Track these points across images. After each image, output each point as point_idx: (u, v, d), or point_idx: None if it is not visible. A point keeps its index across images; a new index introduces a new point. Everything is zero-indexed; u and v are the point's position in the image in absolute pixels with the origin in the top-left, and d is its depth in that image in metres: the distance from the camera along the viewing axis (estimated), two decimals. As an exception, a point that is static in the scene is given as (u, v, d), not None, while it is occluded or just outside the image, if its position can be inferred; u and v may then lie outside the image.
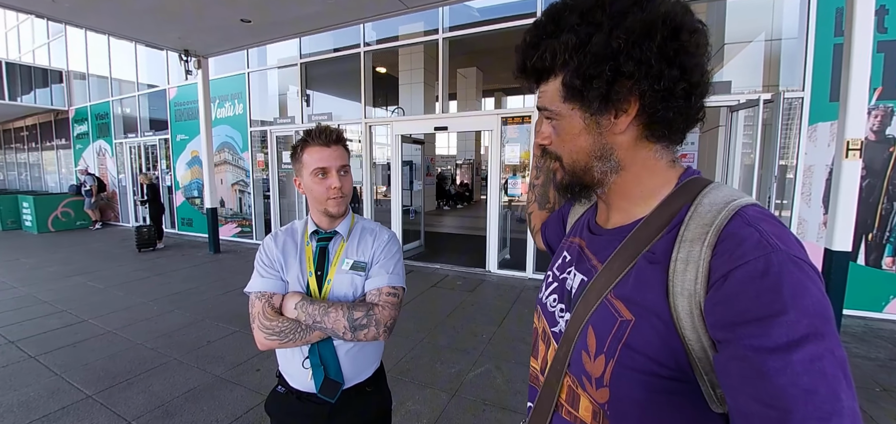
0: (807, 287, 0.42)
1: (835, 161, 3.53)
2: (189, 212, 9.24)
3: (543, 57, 0.56)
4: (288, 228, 1.23)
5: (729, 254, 0.46)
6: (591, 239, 0.68)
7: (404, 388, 2.75)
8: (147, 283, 5.37)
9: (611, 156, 0.58)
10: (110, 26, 5.96)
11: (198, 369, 3.05)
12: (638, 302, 0.53)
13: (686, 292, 0.48)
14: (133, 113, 10.20)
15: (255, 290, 1.11)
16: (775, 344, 0.40)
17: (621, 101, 0.54)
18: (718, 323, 0.45)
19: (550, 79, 0.58)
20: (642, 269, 0.54)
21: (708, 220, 0.50)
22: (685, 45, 0.51)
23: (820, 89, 4.16)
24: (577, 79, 0.54)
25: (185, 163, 9.08)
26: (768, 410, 0.40)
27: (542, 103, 0.61)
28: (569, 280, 0.68)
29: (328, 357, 1.09)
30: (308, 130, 1.13)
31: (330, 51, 7.31)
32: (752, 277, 0.43)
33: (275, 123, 7.81)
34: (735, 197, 0.51)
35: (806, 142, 4.23)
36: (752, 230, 0.46)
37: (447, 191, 14.55)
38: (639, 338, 0.52)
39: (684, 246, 0.50)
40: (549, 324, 0.69)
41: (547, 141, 0.63)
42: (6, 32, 14.80)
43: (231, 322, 3.96)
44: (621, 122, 0.56)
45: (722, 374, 0.45)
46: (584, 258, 0.67)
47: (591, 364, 0.56)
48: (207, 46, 6.57)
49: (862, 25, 3.23)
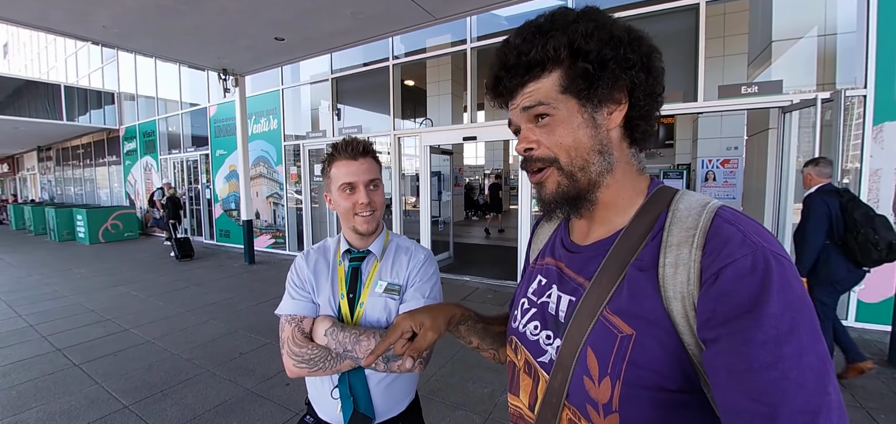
0: (790, 282, 0.43)
1: (909, 165, 3.19)
2: (227, 223, 9.57)
3: (545, 48, 0.55)
4: (320, 246, 1.16)
5: (717, 253, 0.46)
6: (570, 257, 0.65)
7: (435, 409, 2.65)
8: (185, 293, 5.55)
9: (607, 152, 0.58)
10: (155, 49, 6.29)
11: (229, 382, 3.07)
12: (636, 313, 0.51)
13: (679, 294, 0.48)
14: (177, 130, 10.74)
15: (285, 313, 1.04)
16: (764, 338, 0.41)
17: (616, 93, 0.56)
18: (709, 320, 0.45)
19: (544, 75, 0.57)
20: (634, 279, 0.53)
21: (691, 224, 0.50)
22: (659, 59, 0.58)
23: (885, 86, 3.79)
24: (589, 64, 0.54)
25: (223, 176, 9.43)
26: (757, 405, 0.40)
27: (534, 99, 0.57)
28: (550, 303, 0.63)
29: (359, 389, 1.00)
30: (335, 143, 1.07)
31: (360, 65, 7.43)
32: (742, 273, 0.44)
33: (307, 137, 7.99)
34: (707, 200, 0.53)
35: (871, 143, 3.85)
36: (735, 229, 0.47)
37: (475, 200, 14.43)
38: (643, 353, 0.50)
39: (671, 251, 0.50)
40: (534, 354, 0.63)
41: (534, 144, 0.59)
42: (66, 58, 16.03)
43: (263, 333, 3.99)
44: (615, 117, 0.57)
45: (711, 371, 0.45)
46: (565, 278, 0.63)
47: (595, 390, 0.53)
48: (244, 65, 6.81)
49: (938, 14, 2.92)
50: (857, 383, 2.90)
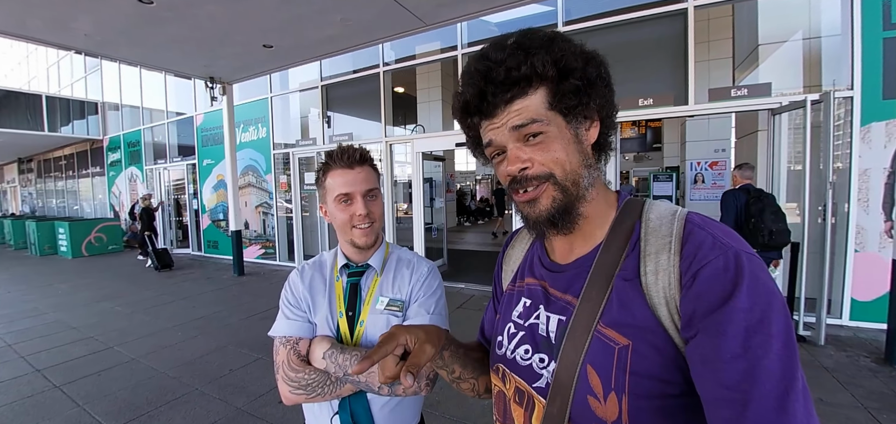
0: (759, 276, 0.46)
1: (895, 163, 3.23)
2: (215, 234, 9.38)
3: (533, 65, 0.54)
4: (315, 261, 1.09)
5: (693, 257, 0.49)
6: (552, 277, 0.63)
7: (435, 423, 2.57)
8: (172, 307, 5.38)
9: (591, 166, 0.59)
10: (140, 57, 6.16)
11: (219, 400, 2.96)
12: (629, 323, 0.52)
13: (663, 299, 0.50)
14: (162, 140, 10.53)
15: (279, 335, 0.97)
16: (735, 330, 0.43)
17: (592, 110, 0.58)
18: (690, 320, 0.47)
19: (530, 91, 0.56)
20: (622, 289, 0.54)
21: (665, 232, 0.53)
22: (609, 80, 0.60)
23: (871, 87, 3.86)
24: (579, 81, 0.55)
25: (210, 186, 9.26)
26: (731, 392, 0.43)
27: (527, 117, 0.56)
28: (540, 325, 0.61)
29: (361, 414, 0.94)
30: (330, 152, 1.00)
31: (349, 72, 7.36)
32: (716, 273, 0.47)
33: (297, 145, 7.88)
34: (675, 208, 0.56)
35: (859, 143, 3.90)
36: (705, 233, 0.50)
37: (467, 207, 14.41)
38: (642, 362, 0.50)
39: (650, 259, 0.52)
40: (528, 381, 0.60)
41: (528, 163, 0.57)
42: (48, 68, 15.68)
43: (253, 348, 3.87)
44: (592, 132, 0.59)
45: (692, 365, 0.47)
46: (552, 297, 0.62)
47: (602, 408, 0.52)
48: (232, 73, 6.70)
49: (923, 16, 2.96)
50: (857, 383, 2.90)
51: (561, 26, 5.28)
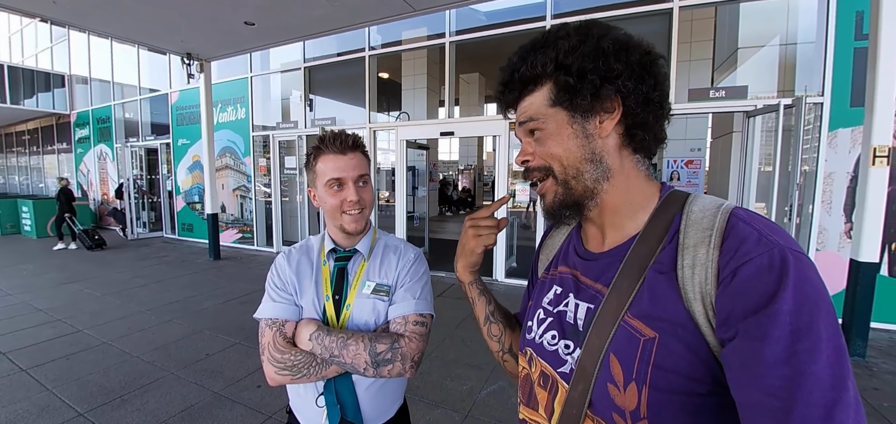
0: (808, 277, 0.43)
1: (860, 168, 3.40)
2: (190, 217, 9.12)
3: (534, 65, 0.58)
4: (302, 245, 1.09)
5: (734, 252, 0.47)
6: (585, 265, 0.65)
7: (415, 408, 2.60)
8: (145, 291, 5.23)
9: (600, 160, 0.59)
10: (112, 29, 5.88)
11: (195, 384, 2.91)
12: (658, 316, 0.51)
13: (699, 295, 0.49)
14: (134, 117, 10.11)
15: (265, 317, 0.97)
16: (780, 334, 0.41)
17: (606, 102, 0.57)
18: (727, 318, 0.45)
19: (536, 90, 0.60)
20: (655, 282, 0.53)
21: (707, 225, 0.51)
22: (658, 65, 0.58)
23: (840, 94, 4.03)
24: (570, 77, 0.56)
25: (186, 167, 8.97)
26: (773, 399, 0.40)
27: (527, 115, 0.61)
28: (568, 313, 0.63)
29: (346, 396, 0.95)
30: (322, 136, 0.99)
31: (334, 55, 7.22)
32: (760, 271, 0.44)
33: (278, 128, 7.71)
34: (721, 202, 0.54)
35: (826, 148, 4.09)
36: (751, 228, 0.48)
37: (449, 196, 14.44)
38: (668, 356, 0.49)
39: (688, 253, 0.51)
40: (554, 365, 0.62)
41: (530, 157, 0.63)
42: (10, 36, 14.76)
43: (231, 333, 3.81)
44: (606, 126, 0.58)
45: (729, 367, 0.45)
46: (582, 286, 0.63)
47: (621, 397, 0.52)
48: (210, 50, 6.48)
49: (888, 28, 3.11)
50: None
51: (549, 20, 5.31)
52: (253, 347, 3.50)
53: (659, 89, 0.58)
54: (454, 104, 8.77)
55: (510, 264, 6.00)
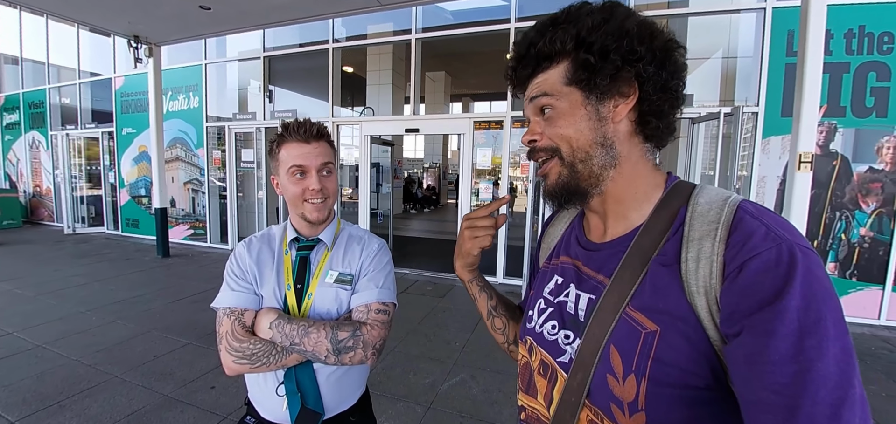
0: (816, 273, 0.43)
1: (788, 173, 3.75)
2: (135, 212, 8.54)
3: (554, 40, 0.56)
4: (264, 234, 1.07)
5: (741, 247, 0.46)
6: (587, 255, 0.64)
7: (376, 403, 2.57)
8: (85, 290, 4.86)
9: (611, 146, 0.58)
10: (48, 5, 5.40)
11: (143, 388, 2.75)
12: (660, 309, 0.51)
13: (702, 289, 0.48)
14: (73, 102, 9.32)
15: (223, 306, 0.95)
16: (786, 330, 0.40)
17: (624, 86, 0.55)
18: (732, 313, 0.45)
19: (552, 67, 0.58)
20: (657, 274, 0.52)
21: (713, 218, 0.50)
22: (679, 53, 0.57)
23: (773, 105, 4.42)
24: (591, 55, 0.54)
25: (131, 158, 8.38)
26: (779, 397, 0.40)
27: (540, 90, 0.59)
28: (569, 303, 0.62)
29: (306, 384, 0.95)
30: (286, 124, 0.99)
31: (296, 46, 7.01)
32: (767, 267, 0.43)
33: (234, 119, 7.38)
34: (728, 194, 0.53)
35: (760, 154, 4.47)
36: (758, 223, 0.47)
37: (414, 194, 14.41)
38: (668, 349, 0.49)
39: (693, 245, 0.50)
40: (553, 355, 0.61)
41: (538, 136, 0.61)
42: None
43: (182, 333, 3.63)
44: (621, 110, 0.57)
45: (733, 364, 0.45)
46: (584, 276, 0.62)
47: (620, 388, 0.52)
48: (161, 33, 6.10)
49: (814, 46, 3.44)
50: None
51: (513, 22, 5.42)
52: (207, 347, 3.35)
53: (677, 78, 0.57)
54: (420, 101, 8.77)
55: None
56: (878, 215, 4.20)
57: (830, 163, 4.27)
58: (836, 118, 4.21)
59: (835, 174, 4.28)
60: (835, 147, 4.24)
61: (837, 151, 4.24)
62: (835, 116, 4.22)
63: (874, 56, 4.10)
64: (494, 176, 6.98)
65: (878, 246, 4.22)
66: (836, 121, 4.21)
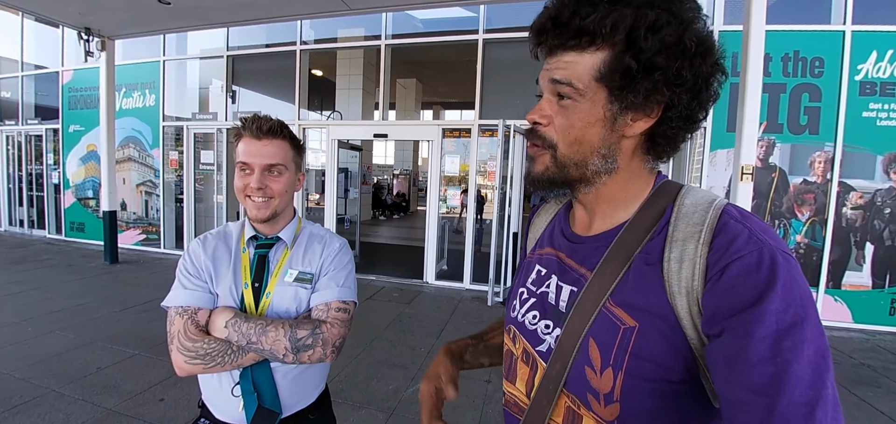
0: (795, 278, 0.44)
1: (732, 183, 4.03)
2: (81, 215, 7.97)
3: (603, 21, 0.49)
4: (220, 231, 1.05)
5: (724, 250, 0.46)
6: (571, 248, 0.64)
7: (339, 410, 2.51)
8: (20, 299, 4.48)
9: (613, 157, 0.56)
10: (-17, -10, 5.00)
11: (83, 401, 2.57)
12: (641, 306, 0.51)
13: (684, 290, 0.48)
14: (14, 96, 8.63)
15: (175, 304, 0.91)
16: (764, 333, 0.41)
17: (652, 105, 0.52)
18: (713, 315, 0.46)
19: (588, 50, 0.52)
20: (640, 271, 0.52)
21: (698, 220, 0.50)
22: (719, 82, 0.54)
23: (719, 121, 4.74)
24: (636, 63, 0.49)
25: (78, 158, 7.84)
26: (756, 396, 0.41)
27: (563, 76, 0.54)
28: (550, 293, 0.63)
29: (263, 383, 0.93)
30: (244, 119, 0.97)
31: (262, 46, 6.84)
32: (748, 270, 0.44)
33: (194, 119, 7.07)
34: (713, 197, 0.53)
35: (708, 165, 4.78)
36: (741, 226, 0.47)
37: (383, 200, 14.30)
38: (645, 345, 0.50)
39: (676, 246, 0.50)
40: (533, 343, 0.63)
41: (545, 120, 0.57)
42: None
43: (129, 344, 3.41)
44: (638, 126, 0.54)
45: (712, 364, 0.46)
46: (566, 268, 0.62)
47: (597, 380, 0.53)
48: (115, 26, 5.78)
49: (754, 69, 3.74)
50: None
51: (481, 33, 5.53)
52: (157, 358, 3.17)
53: (704, 109, 0.54)
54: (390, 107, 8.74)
55: (441, 267, 6.11)
56: (812, 223, 4.59)
57: (770, 175, 4.62)
58: (774, 134, 4.58)
59: (774, 185, 4.64)
60: (774, 160, 4.60)
61: (776, 164, 4.61)
62: (773, 132, 4.58)
63: (807, 78, 4.51)
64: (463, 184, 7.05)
65: (812, 252, 4.60)
66: (775, 136, 4.58)
